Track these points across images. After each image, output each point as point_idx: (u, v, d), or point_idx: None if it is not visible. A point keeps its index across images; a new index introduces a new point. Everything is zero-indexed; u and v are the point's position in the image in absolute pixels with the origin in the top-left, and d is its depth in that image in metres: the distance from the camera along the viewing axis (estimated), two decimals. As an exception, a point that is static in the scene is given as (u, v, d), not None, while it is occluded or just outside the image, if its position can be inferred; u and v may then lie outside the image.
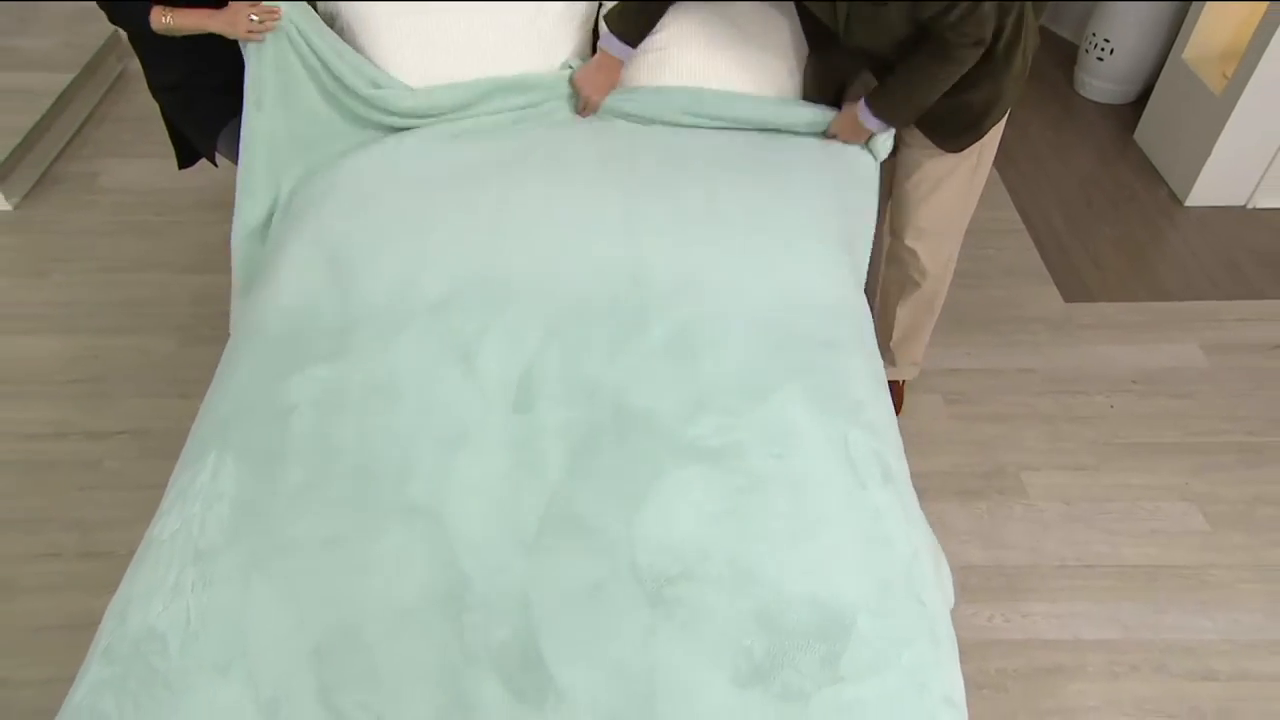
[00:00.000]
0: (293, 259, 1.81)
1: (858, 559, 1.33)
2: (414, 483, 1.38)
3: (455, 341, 1.59)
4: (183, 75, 2.08)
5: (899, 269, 2.21)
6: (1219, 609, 2.05)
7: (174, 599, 1.27)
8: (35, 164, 3.12)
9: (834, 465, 1.42)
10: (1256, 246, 2.94)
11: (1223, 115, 2.91)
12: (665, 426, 1.45)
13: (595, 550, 1.31)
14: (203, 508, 1.37)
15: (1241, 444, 2.38)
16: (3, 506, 2.17)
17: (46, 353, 2.53)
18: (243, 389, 1.55)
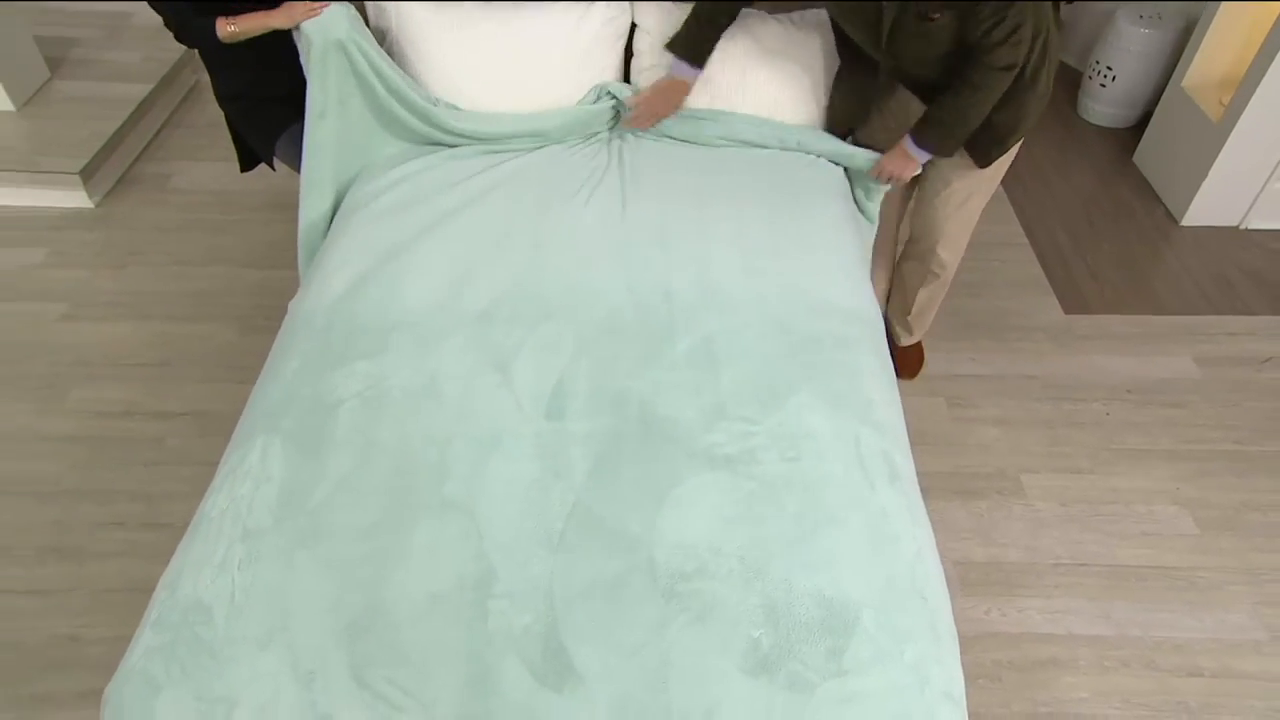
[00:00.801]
0: (343, 257, 1.77)
1: (864, 557, 1.27)
2: (449, 481, 1.35)
3: (494, 352, 1.55)
4: (245, 86, 2.06)
5: (920, 264, 2.21)
6: (1206, 609, 1.96)
7: (221, 573, 1.24)
8: (116, 166, 3.11)
9: (844, 466, 1.37)
10: (1248, 265, 2.83)
11: (1219, 140, 2.81)
12: (685, 434, 1.42)
13: (615, 548, 1.27)
14: (251, 488, 1.34)
15: (1230, 452, 2.28)
16: (77, 478, 2.16)
17: (121, 338, 2.53)
18: (292, 377, 1.52)
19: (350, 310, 1.63)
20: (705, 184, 1.96)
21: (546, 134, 2.09)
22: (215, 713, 1.15)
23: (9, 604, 1.92)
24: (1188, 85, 3.00)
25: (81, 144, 3.02)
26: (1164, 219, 3.01)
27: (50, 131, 3.09)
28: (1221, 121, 2.81)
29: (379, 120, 2.03)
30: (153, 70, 3.42)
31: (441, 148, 2.06)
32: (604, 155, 2.06)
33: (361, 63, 1.91)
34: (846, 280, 1.72)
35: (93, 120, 3.13)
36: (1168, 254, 2.88)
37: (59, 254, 2.80)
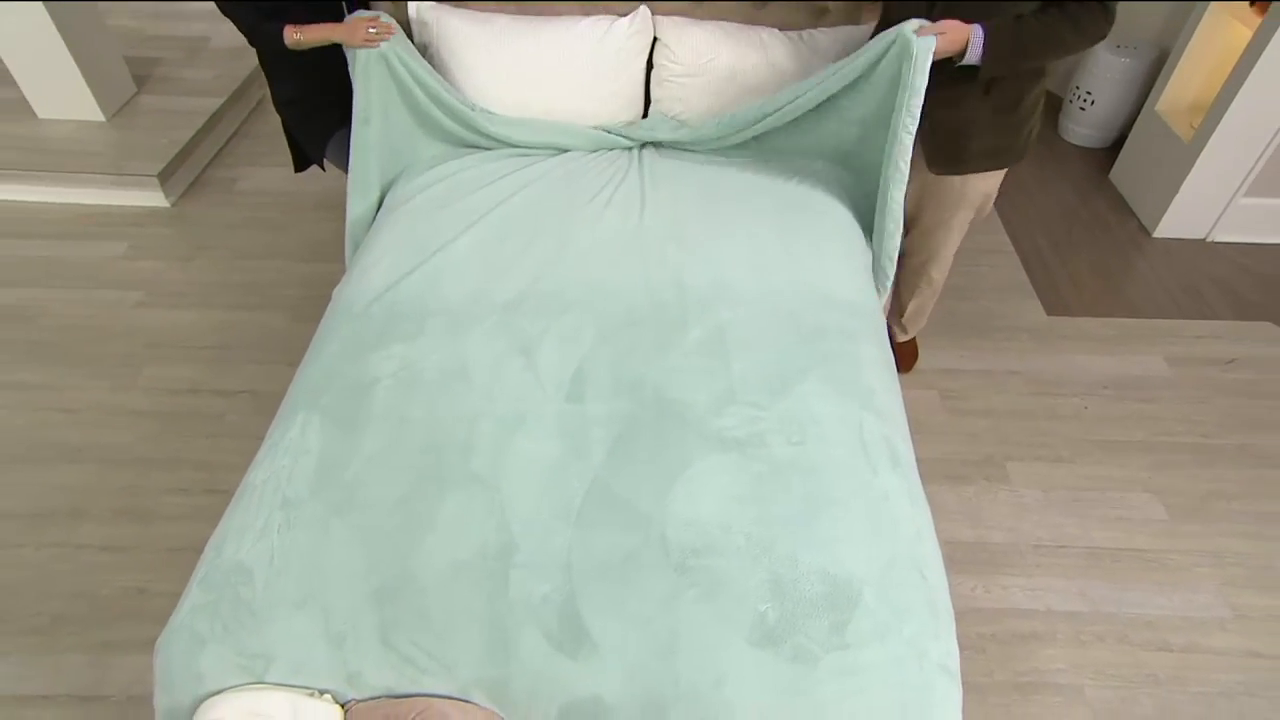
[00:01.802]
0: (384, 249, 1.69)
1: (866, 537, 1.18)
2: (476, 457, 1.26)
3: (519, 339, 1.46)
4: (301, 92, 1.98)
5: (914, 277, 2.11)
6: (1175, 589, 1.85)
7: (261, 538, 1.17)
8: (191, 170, 3.05)
9: (848, 451, 1.27)
10: (1214, 274, 2.70)
11: (1190, 160, 2.68)
12: (697, 418, 1.32)
13: (630, 525, 1.18)
14: (291, 460, 1.26)
15: (1197, 445, 2.16)
16: (149, 447, 2.10)
17: (188, 323, 2.46)
18: (332, 359, 1.44)
19: (389, 299, 1.55)
20: (720, 189, 1.85)
21: (573, 146, 2.00)
22: (254, 667, 1.08)
23: (86, 559, 1.86)
24: (1161, 109, 2.87)
25: (160, 150, 2.96)
26: (1137, 231, 2.88)
27: (134, 139, 3.04)
28: (1192, 142, 2.68)
29: (419, 125, 1.95)
30: (224, 86, 3.36)
31: (477, 150, 1.97)
32: (625, 161, 1.96)
33: (402, 72, 1.83)
34: (850, 277, 1.62)
35: (171, 130, 3.07)
36: (1140, 263, 2.74)
37: (137, 247, 2.74)
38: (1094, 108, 3.18)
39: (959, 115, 1.69)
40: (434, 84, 1.86)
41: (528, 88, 1.96)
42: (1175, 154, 2.75)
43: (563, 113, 2.01)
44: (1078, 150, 3.29)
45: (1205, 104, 2.76)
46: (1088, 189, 3.07)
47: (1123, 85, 3.09)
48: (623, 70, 2.00)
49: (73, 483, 2.01)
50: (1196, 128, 2.68)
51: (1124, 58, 3.04)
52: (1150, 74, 3.05)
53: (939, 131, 1.74)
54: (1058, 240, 2.83)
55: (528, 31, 1.95)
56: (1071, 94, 3.26)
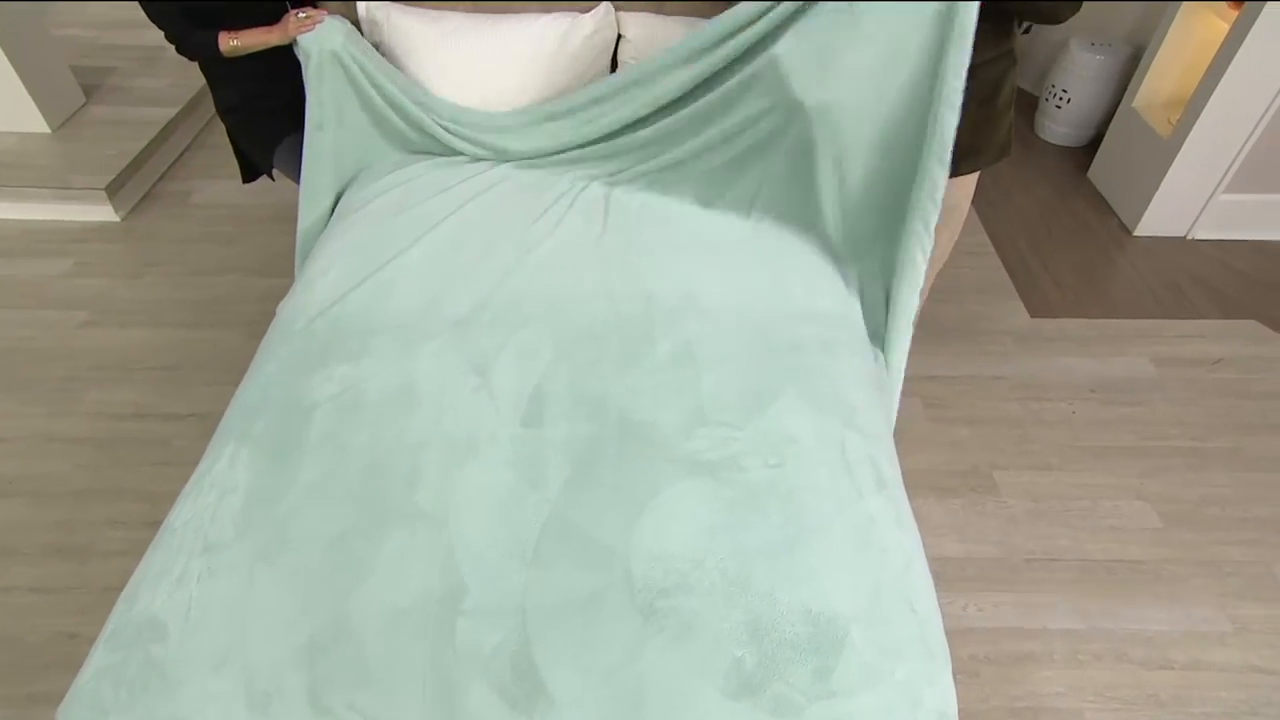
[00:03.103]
0: (331, 259, 1.56)
1: (851, 567, 1.06)
2: (421, 489, 1.13)
3: (473, 356, 1.33)
4: (244, 98, 1.85)
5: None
6: (1173, 602, 1.75)
7: (179, 588, 1.03)
8: (142, 183, 2.90)
9: (829, 472, 1.15)
10: (1195, 272, 2.63)
11: (1169, 156, 2.61)
12: (665, 440, 1.19)
13: (591, 562, 1.05)
14: (216, 498, 1.13)
15: (1189, 449, 2.08)
16: (87, 478, 1.95)
17: (136, 343, 2.31)
18: (268, 382, 1.31)
19: (333, 314, 1.41)
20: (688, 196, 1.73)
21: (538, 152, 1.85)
22: (165, 738, 0.94)
23: (14, 601, 1.71)
24: (1138, 106, 2.80)
25: (109, 162, 2.81)
26: (1118, 229, 2.80)
27: (81, 151, 2.88)
28: (1171, 138, 2.62)
29: (377, 130, 1.83)
30: (179, 96, 3.21)
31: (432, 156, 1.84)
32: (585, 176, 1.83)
33: (357, 74, 1.70)
34: (829, 286, 1.51)
35: (121, 141, 2.92)
36: (1122, 262, 2.67)
37: (83, 264, 2.58)
38: (1070, 106, 3.11)
39: None
40: (390, 87, 1.74)
41: (483, 89, 1.84)
42: (1154, 151, 2.69)
43: (523, 115, 1.89)
44: (1055, 149, 3.22)
45: (1183, 99, 2.70)
46: (1067, 188, 3.00)
47: (1098, 83, 3.03)
48: (586, 69, 1.89)
49: (1, 518, 1.85)
50: (1175, 124, 2.62)
51: (1099, 55, 2.98)
52: (1126, 71, 2.99)
53: None
54: (1038, 240, 2.75)
55: (483, 30, 1.83)
56: (1047, 92, 3.20)
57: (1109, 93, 3.05)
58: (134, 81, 3.31)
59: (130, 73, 3.37)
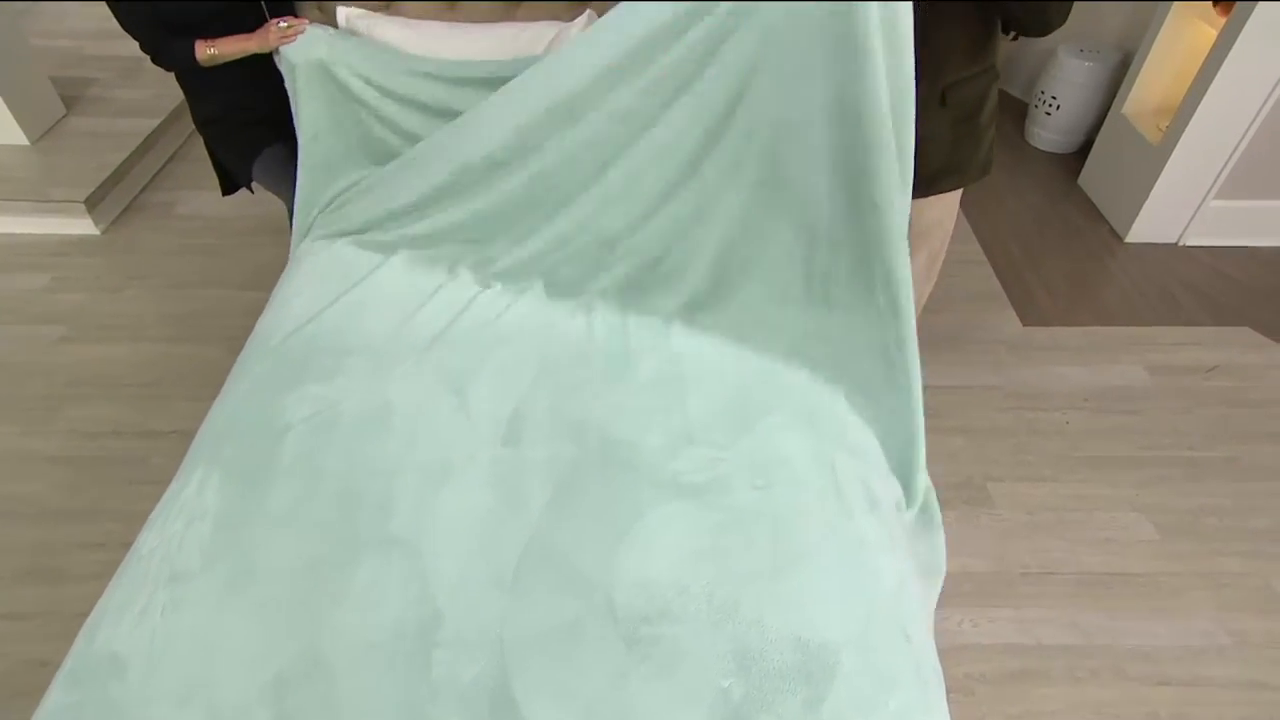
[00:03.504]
0: (308, 275, 1.52)
1: (842, 593, 1.02)
2: (395, 514, 1.09)
3: (451, 375, 1.29)
4: (221, 110, 1.81)
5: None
6: (1172, 615, 1.72)
7: (142, 621, 0.99)
8: (124, 195, 2.86)
9: (819, 494, 1.12)
10: (1188, 279, 2.61)
11: (1159, 163, 2.60)
12: (650, 462, 1.16)
13: (572, 589, 1.01)
14: (184, 525, 1.09)
15: (1185, 458, 2.05)
16: (62, 498, 1.90)
17: (115, 359, 2.26)
18: (240, 402, 1.27)
19: (308, 331, 1.38)
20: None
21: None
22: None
23: (-15, 628, 1.66)
24: (1128, 112, 2.79)
25: (89, 174, 2.76)
26: (1109, 236, 2.79)
27: (61, 163, 2.83)
28: (1160, 144, 2.60)
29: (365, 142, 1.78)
30: (162, 106, 3.16)
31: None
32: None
33: (348, 79, 1.67)
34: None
35: (102, 153, 2.88)
36: (1114, 269, 2.65)
37: (61, 279, 2.54)
38: (1059, 112, 3.10)
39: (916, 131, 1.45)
40: (381, 105, 1.68)
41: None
42: (1144, 157, 2.67)
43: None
44: (1045, 155, 3.21)
45: (1172, 106, 2.68)
46: (1057, 195, 2.98)
47: (1087, 89, 3.01)
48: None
49: (-27, 541, 1.80)
50: (1164, 130, 2.60)
51: (1087, 61, 2.97)
52: (1114, 77, 2.97)
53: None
54: (1030, 247, 2.73)
55: (467, 38, 1.80)
56: (1036, 99, 3.19)
57: (1098, 99, 3.03)
58: (115, 92, 3.27)
59: (112, 83, 3.33)
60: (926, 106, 1.36)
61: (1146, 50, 2.69)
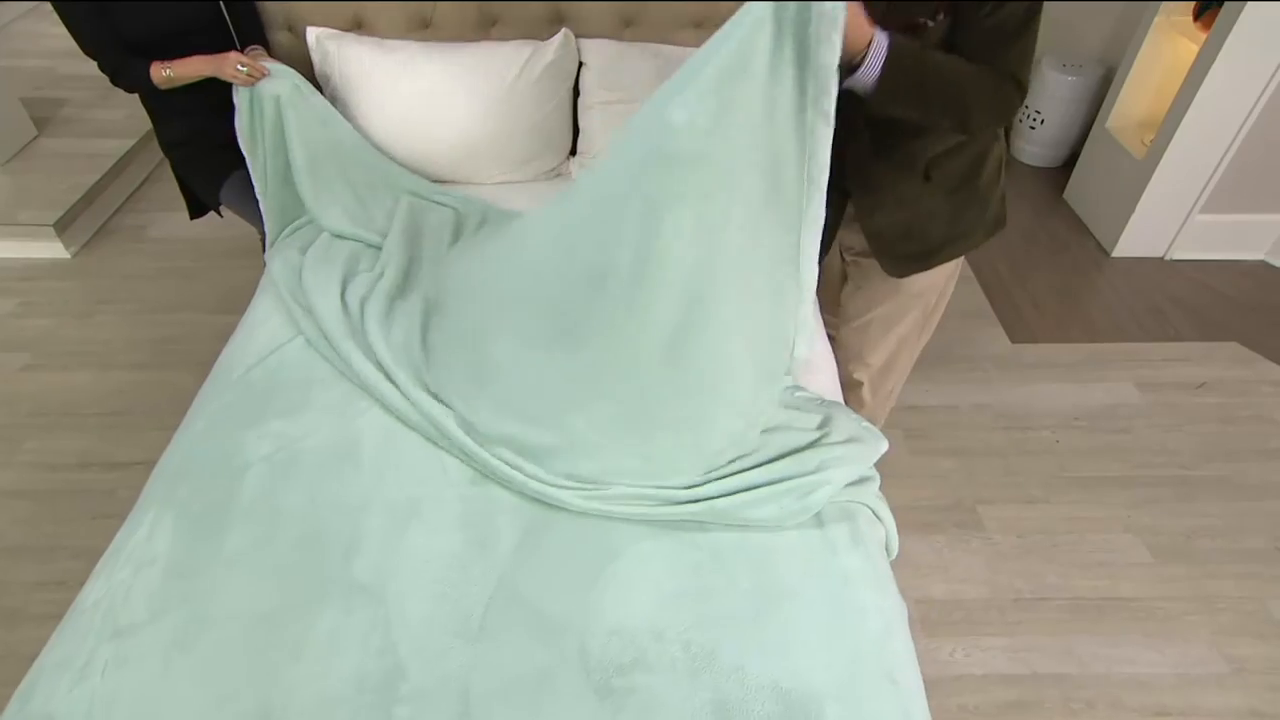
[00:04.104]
0: (275, 303, 1.47)
1: (826, 635, 0.98)
2: (359, 557, 1.03)
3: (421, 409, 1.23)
4: (188, 133, 1.77)
5: (846, 390, 1.63)
6: (1167, 641, 1.68)
7: (81, 681, 0.93)
8: (95, 217, 2.80)
9: (801, 530, 1.07)
10: (1175, 294, 2.59)
11: (1144, 177, 2.59)
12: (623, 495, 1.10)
13: (542, 636, 0.96)
14: (131, 573, 1.03)
15: (1176, 477, 2.02)
16: (20, 534, 1.83)
17: (81, 386, 2.20)
18: (197, 439, 1.21)
19: (272, 363, 1.32)
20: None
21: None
22: None
23: (-64, 673, 1.58)
24: (1112, 126, 2.78)
25: (60, 197, 2.70)
26: (1095, 251, 2.77)
27: (30, 186, 2.78)
28: (1145, 159, 2.59)
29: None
30: (136, 127, 3.11)
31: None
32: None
33: (292, 122, 1.62)
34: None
35: (73, 174, 2.82)
36: (1102, 284, 2.63)
37: (28, 304, 2.47)
38: (1044, 127, 3.09)
39: (905, 213, 1.31)
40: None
41: (441, 121, 1.77)
42: (1129, 171, 2.66)
43: (483, 150, 1.82)
44: (1030, 170, 3.20)
45: (1156, 120, 2.68)
46: (1043, 209, 2.97)
47: (1071, 103, 3.01)
48: (549, 98, 1.82)
49: (-74, 581, 1.73)
50: (1149, 144, 2.60)
51: (1070, 75, 2.96)
52: (1098, 91, 2.97)
53: (885, 235, 1.35)
54: (1017, 263, 2.71)
55: (440, 59, 1.77)
56: (1021, 113, 3.18)
57: (1082, 113, 3.03)
58: (89, 113, 3.22)
59: (85, 104, 3.28)
60: (911, 188, 1.28)
61: (1129, 65, 2.69)
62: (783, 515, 1.07)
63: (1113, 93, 2.77)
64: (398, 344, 1.33)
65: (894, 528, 1.18)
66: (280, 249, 1.60)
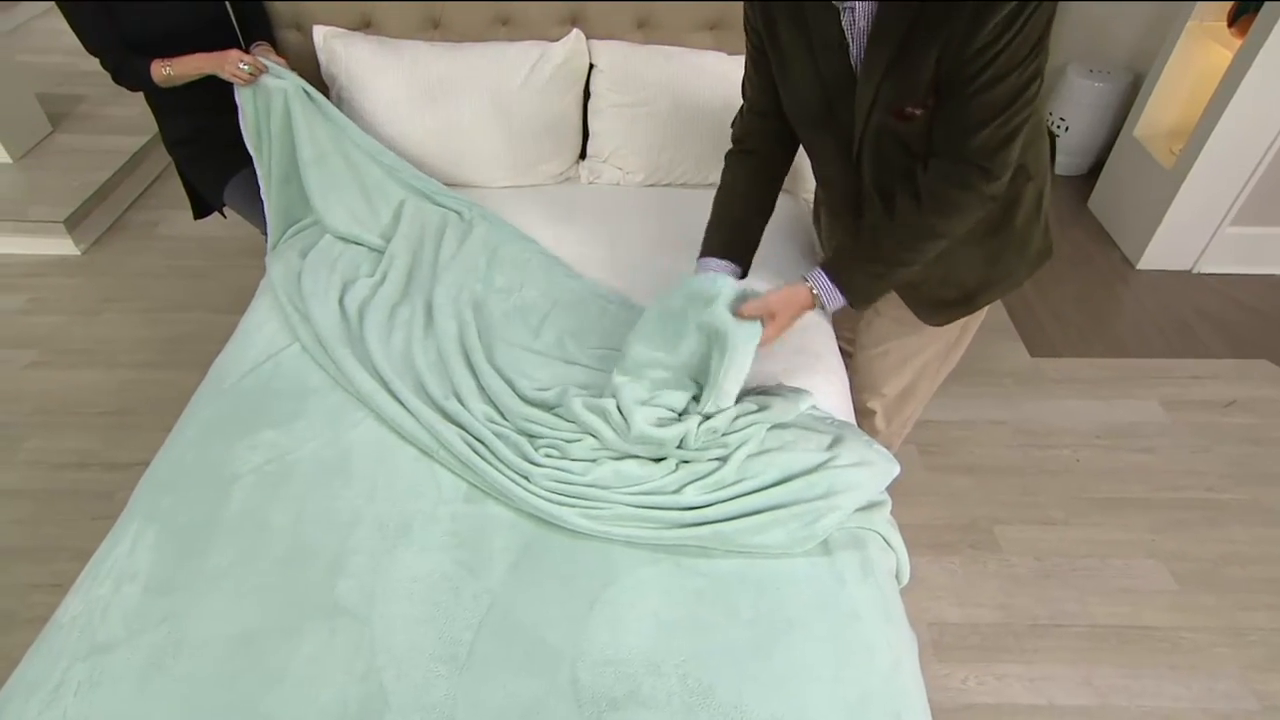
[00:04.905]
0: (272, 308, 1.44)
1: (832, 672, 0.92)
2: (345, 577, 0.99)
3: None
4: (193, 131, 1.75)
5: (860, 417, 1.54)
6: (1193, 674, 1.61)
7: (53, 702, 0.89)
8: (107, 214, 2.79)
9: (808, 558, 1.02)
10: (1204, 308, 2.51)
11: (1173, 187, 2.50)
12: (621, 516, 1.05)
13: (533, 665, 0.91)
14: (111, 589, 0.99)
15: (1204, 500, 1.94)
16: (19, 534, 1.81)
17: (86, 385, 2.18)
18: (185, 449, 1.17)
19: (266, 370, 1.28)
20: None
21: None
22: None
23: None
24: (1139, 135, 2.70)
25: (71, 194, 2.70)
26: (1120, 262, 2.69)
27: (43, 182, 2.77)
28: (1174, 169, 2.51)
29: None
30: (149, 124, 3.07)
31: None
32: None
33: (301, 118, 1.59)
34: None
35: (86, 171, 2.81)
36: (1126, 297, 2.55)
37: (38, 301, 2.46)
38: (1068, 134, 3.01)
39: (939, 269, 1.18)
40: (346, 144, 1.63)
41: (448, 122, 1.73)
42: (1157, 182, 2.58)
43: (491, 153, 1.78)
44: (1055, 178, 3.11)
45: (1186, 129, 2.59)
46: (1067, 218, 2.89)
47: (1098, 110, 2.93)
48: (557, 100, 1.78)
49: (-79, 581, 1.72)
50: (1178, 154, 2.51)
51: (1097, 82, 2.88)
52: (1126, 98, 2.89)
53: (919, 286, 1.26)
54: (1039, 275, 2.61)
55: (448, 59, 1.73)
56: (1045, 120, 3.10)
57: (1109, 121, 2.95)
58: (105, 110, 3.22)
59: (101, 100, 3.28)
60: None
61: (1159, 72, 2.60)
62: (789, 541, 1.02)
63: (1141, 100, 2.69)
64: (397, 352, 1.29)
65: (905, 555, 1.12)
66: (281, 252, 1.57)
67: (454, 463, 1.12)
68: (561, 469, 1.09)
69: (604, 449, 1.12)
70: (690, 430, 1.09)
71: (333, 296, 1.38)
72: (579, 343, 1.33)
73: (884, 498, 1.14)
